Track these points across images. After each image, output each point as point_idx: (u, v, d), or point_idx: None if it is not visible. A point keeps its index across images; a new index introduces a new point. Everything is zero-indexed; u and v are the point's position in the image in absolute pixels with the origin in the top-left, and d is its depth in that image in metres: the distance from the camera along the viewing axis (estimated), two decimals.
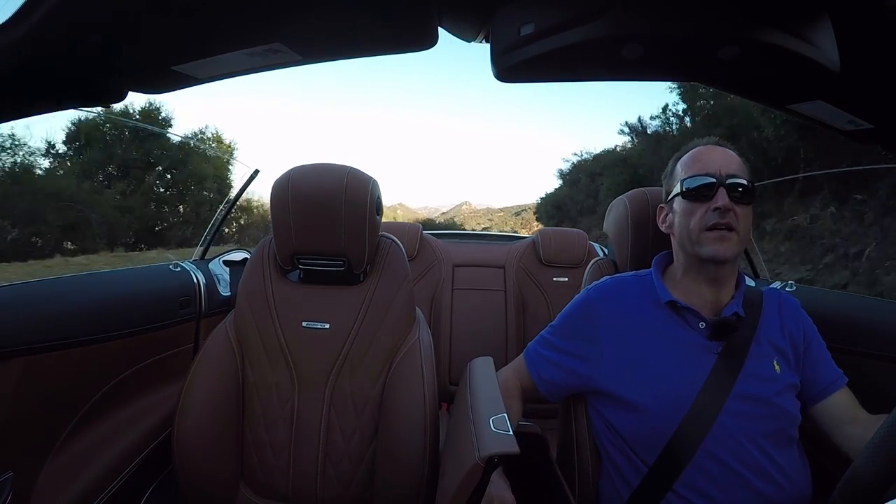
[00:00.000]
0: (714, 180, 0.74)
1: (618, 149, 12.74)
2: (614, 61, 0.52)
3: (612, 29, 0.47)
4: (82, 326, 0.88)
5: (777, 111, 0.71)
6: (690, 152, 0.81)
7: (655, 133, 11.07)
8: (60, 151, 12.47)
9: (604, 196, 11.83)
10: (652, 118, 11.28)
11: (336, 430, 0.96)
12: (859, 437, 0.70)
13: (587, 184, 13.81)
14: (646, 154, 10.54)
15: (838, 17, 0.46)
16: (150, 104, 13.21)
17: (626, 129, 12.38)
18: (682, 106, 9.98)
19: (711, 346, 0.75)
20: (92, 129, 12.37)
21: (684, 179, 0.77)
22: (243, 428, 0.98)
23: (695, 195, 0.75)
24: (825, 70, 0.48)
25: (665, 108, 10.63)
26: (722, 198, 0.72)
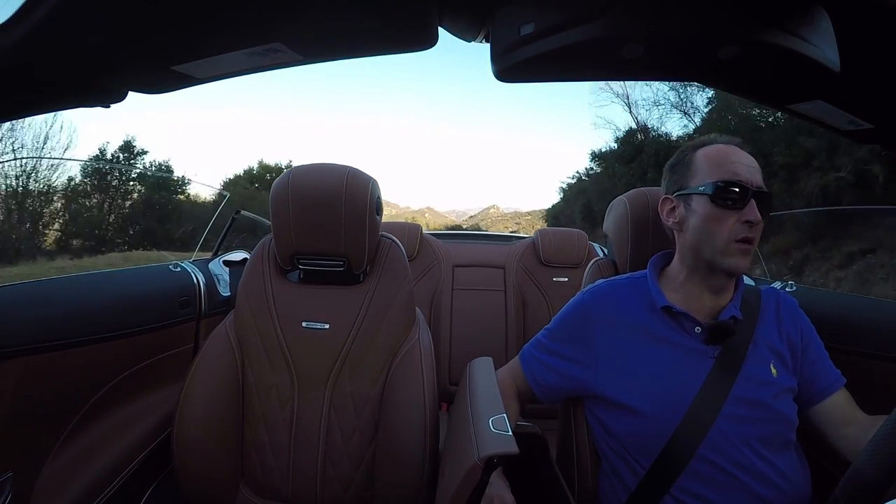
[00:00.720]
0: (747, 190, 0.71)
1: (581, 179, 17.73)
2: (614, 61, 0.52)
3: (612, 29, 0.46)
4: (82, 326, 0.88)
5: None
6: (716, 148, 0.76)
7: (595, 174, 15.74)
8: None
9: (576, 213, 16.09)
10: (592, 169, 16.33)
11: (336, 431, 0.96)
12: (856, 438, 0.69)
13: (574, 202, 17.74)
14: (589, 190, 15.17)
15: (838, 17, 0.46)
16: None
17: (577, 174, 17.76)
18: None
19: (708, 351, 0.74)
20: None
21: (718, 181, 0.72)
22: (243, 428, 0.98)
23: (725, 202, 0.71)
24: (825, 70, 0.48)
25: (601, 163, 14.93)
26: (753, 212, 0.70)
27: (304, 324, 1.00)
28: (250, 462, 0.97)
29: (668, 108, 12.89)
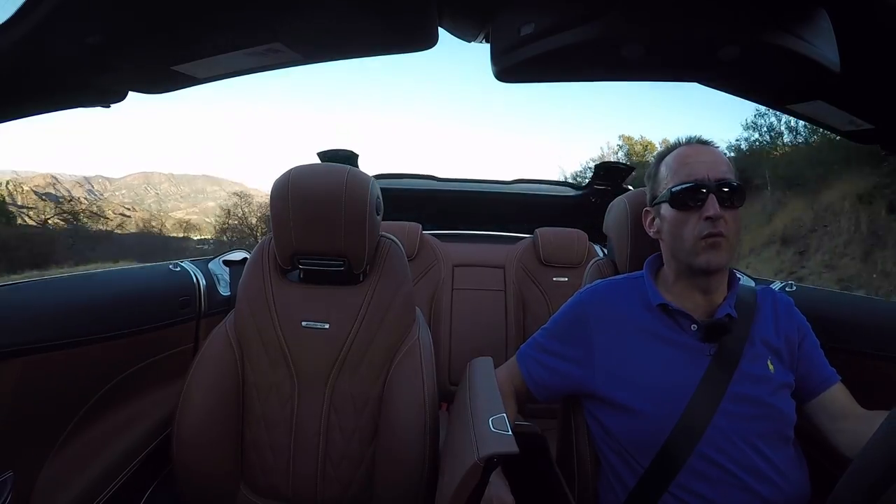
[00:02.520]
0: (703, 187, 0.72)
1: None
2: (614, 61, 0.52)
3: (613, 29, 0.47)
4: (82, 326, 0.88)
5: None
6: (675, 153, 0.78)
7: None
8: None
9: None
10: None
11: (336, 431, 0.96)
12: (854, 432, 0.70)
13: None
14: None
15: (838, 18, 0.46)
16: None
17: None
18: None
19: (704, 349, 0.75)
20: None
21: (672, 187, 0.74)
22: (243, 428, 0.98)
23: (684, 203, 0.73)
24: (825, 70, 0.48)
25: None
26: (713, 206, 0.70)
27: (303, 323, 1.00)
28: (250, 462, 0.97)
29: None
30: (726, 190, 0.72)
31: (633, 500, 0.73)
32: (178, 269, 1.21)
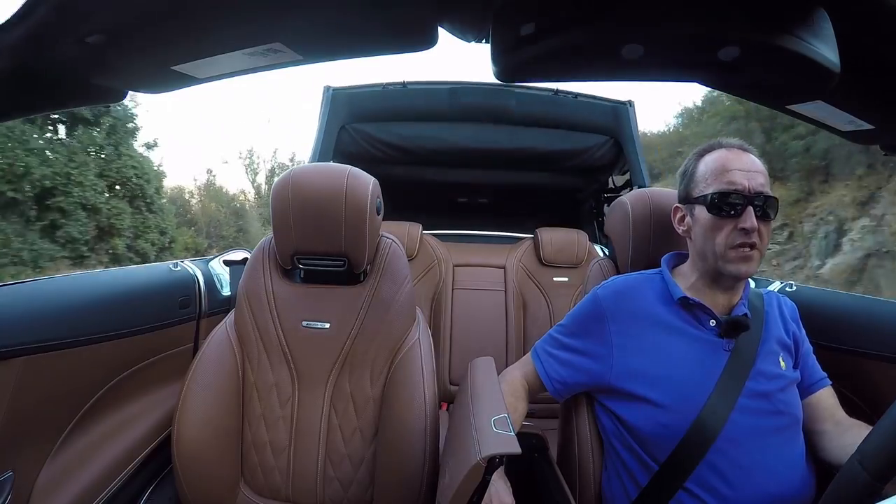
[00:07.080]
0: (743, 198, 0.72)
1: None
2: (614, 61, 0.52)
3: (612, 29, 0.47)
4: (82, 326, 0.88)
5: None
6: (716, 156, 0.78)
7: None
8: None
9: None
10: None
11: (336, 431, 0.96)
12: (832, 434, 0.74)
13: None
14: None
15: (838, 17, 0.46)
16: None
17: None
18: None
19: (722, 344, 0.76)
20: None
21: (712, 193, 0.74)
22: (243, 428, 0.98)
23: (722, 211, 0.73)
24: (825, 70, 0.48)
25: None
26: (750, 218, 0.71)
27: (304, 323, 1.00)
28: (250, 462, 0.97)
29: None
30: (763, 203, 0.73)
31: (645, 496, 0.74)
32: (178, 268, 1.21)
